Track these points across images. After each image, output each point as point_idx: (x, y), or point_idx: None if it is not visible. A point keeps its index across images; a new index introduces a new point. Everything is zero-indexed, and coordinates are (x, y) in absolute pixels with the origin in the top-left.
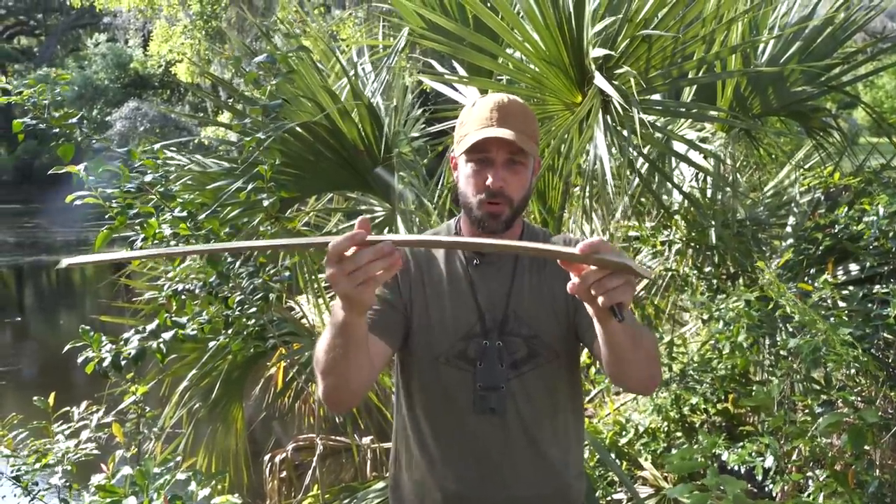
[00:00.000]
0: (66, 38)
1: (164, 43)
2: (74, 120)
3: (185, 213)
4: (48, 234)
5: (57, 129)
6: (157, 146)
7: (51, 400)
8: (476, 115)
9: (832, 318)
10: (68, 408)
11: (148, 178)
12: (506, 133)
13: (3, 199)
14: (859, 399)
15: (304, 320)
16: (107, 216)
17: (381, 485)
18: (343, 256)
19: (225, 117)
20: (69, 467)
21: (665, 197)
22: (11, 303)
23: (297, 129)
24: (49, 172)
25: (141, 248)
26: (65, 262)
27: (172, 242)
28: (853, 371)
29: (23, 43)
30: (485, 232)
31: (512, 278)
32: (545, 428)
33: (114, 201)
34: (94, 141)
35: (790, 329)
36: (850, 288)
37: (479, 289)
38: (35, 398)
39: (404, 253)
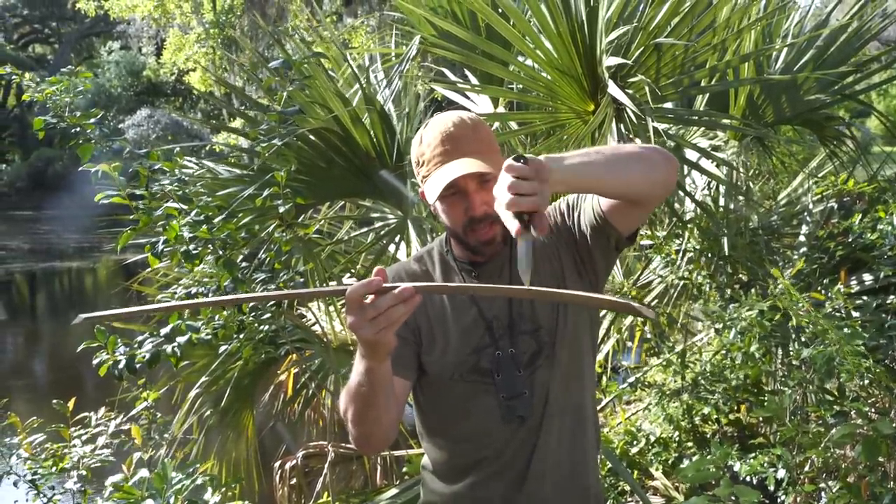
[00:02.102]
0: (80, 46)
1: (178, 51)
2: (94, 120)
3: (201, 218)
4: (61, 240)
5: (75, 130)
6: (174, 148)
7: (70, 404)
8: (429, 153)
9: (846, 329)
10: (85, 413)
11: (165, 181)
12: (466, 167)
13: (17, 206)
14: (873, 410)
15: (315, 327)
16: (131, 217)
17: (392, 492)
18: (362, 303)
19: (237, 124)
20: (84, 472)
21: (677, 205)
22: (24, 308)
23: (310, 136)
24: (80, 169)
25: (162, 250)
26: (81, 316)
27: (192, 246)
28: (867, 382)
29: (37, 51)
30: (483, 257)
31: (510, 280)
32: (567, 425)
33: (140, 202)
34: (112, 142)
35: (803, 339)
36: (864, 298)
37: (481, 299)
38: (54, 401)
39: (403, 280)
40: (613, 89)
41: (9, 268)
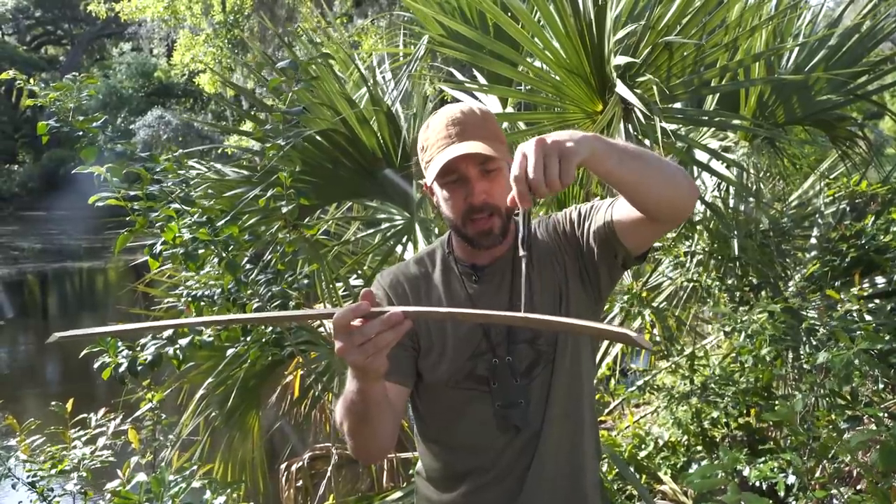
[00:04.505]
0: (92, 48)
1: (188, 52)
2: (98, 123)
3: (204, 219)
4: (72, 241)
5: (81, 133)
6: (179, 153)
7: (68, 406)
8: (434, 137)
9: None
10: (85, 414)
11: (168, 183)
12: (469, 147)
13: (29, 206)
14: (886, 415)
15: (321, 329)
16: (128, 218)
17: (397, 494)
18: (350, 328)
19: (248, 126)
20: (84, 474)
21: None
22: (36, 308)
23: (316, 136)
24: (73, 171)
25: (161, 251)
26: (55, 335)
27: (191, 247)
28: (881, 386)
29: (49, 52)
30: (482, 249)
31: (511, 287)
32: (565, 434)
33: (135, 204)
34: (117, 145)
35: (814, 342)
36: (877, 301)
37: (480, 305)
38: (53, 403)
39: (401, 283)
40: (621, 88)
41: (21, 268)
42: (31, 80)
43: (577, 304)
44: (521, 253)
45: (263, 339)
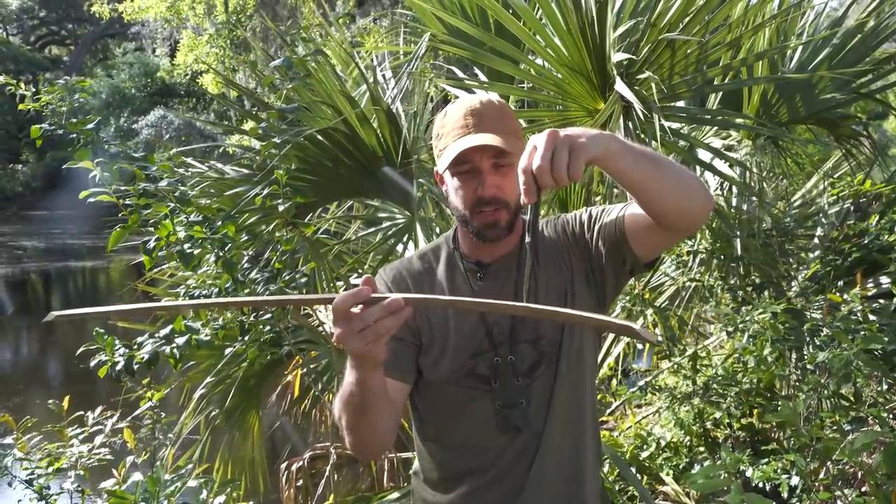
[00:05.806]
0: (96, 48)
1: (191, 52)
2: (91, 125)
3: (200, 218)
4: (75, 240)
5: (74, 135)
6: (175, 151)
7: (65, 404)
8: (451, 125)
9: (863, 332)
10: (82, 412)
11: (163, 182)
12: (485, 139)
13: (32, 206)
14: (891, 416)
15: (320, 328)
16: (120, 215)
17: (396, 495)
18: (350, 314)
19: (250, 126)
20: (82, 472)
21: None
22: (39, 307)
23: (316, 135)
24: (64, 167)
25: (154, 249)
26: (52, 314)
27: (187, 245)
28: (885, 387)
29: (54, 52)
30: (487, 241)
31: (515, 285)
32: (567, 437)
33: (128, 200)
34: (110, 145)
35: (818, 342)
36: (881, 301)
37: None
38: (50, 402)
39: (404, 278)
40: (620, 86)
41: (24, 267)
42: (39, 79)
43: (583, 306)
44: (528, 239)
45: (261, 339)
